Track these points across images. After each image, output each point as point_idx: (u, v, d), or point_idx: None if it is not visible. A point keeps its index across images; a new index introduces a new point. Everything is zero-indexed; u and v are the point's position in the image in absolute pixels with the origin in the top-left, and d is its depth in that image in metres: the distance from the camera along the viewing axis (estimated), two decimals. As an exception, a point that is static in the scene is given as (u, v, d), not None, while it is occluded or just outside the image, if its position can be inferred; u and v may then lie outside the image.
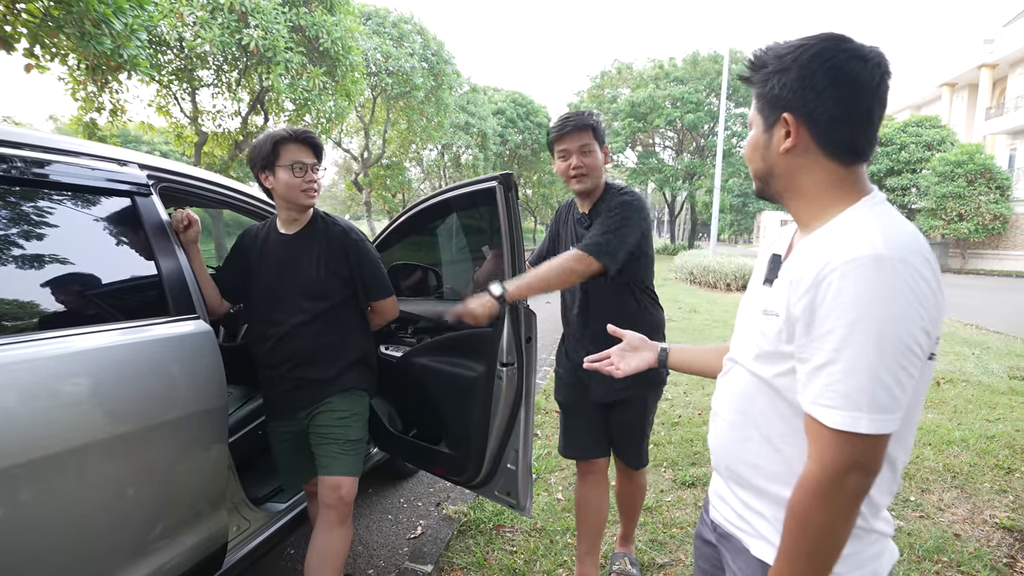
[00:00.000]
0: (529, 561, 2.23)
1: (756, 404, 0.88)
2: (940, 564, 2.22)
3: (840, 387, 0.71)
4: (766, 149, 0.86)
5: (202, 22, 9.56)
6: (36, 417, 1.16)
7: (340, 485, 1.70)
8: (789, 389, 0.81)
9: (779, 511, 0.84)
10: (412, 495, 2.87)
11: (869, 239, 0.72)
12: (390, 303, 1.91)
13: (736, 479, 0.93)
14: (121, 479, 1.35)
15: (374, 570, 2.24)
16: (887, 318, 0.69)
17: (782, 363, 0.82)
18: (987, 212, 18.67)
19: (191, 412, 1.52)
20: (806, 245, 0.82)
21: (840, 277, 0.71)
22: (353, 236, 1.81)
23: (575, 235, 1.86)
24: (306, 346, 1.76)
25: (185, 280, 1.62)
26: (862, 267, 0.70)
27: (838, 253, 0.73)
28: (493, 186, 1.72)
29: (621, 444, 1.96)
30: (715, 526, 1.00)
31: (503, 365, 1.78)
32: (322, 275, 1.76)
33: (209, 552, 1.60)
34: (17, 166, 1.28)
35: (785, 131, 0.82)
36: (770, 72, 0.83)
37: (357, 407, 1.81)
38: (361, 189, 20.75)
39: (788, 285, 0.79)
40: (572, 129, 1.73)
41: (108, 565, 1.33)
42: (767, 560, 0.85)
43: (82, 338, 1.30)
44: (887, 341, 0.69)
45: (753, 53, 0.88)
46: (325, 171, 1.74)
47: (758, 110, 0.87)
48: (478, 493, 2.02)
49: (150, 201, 1.60)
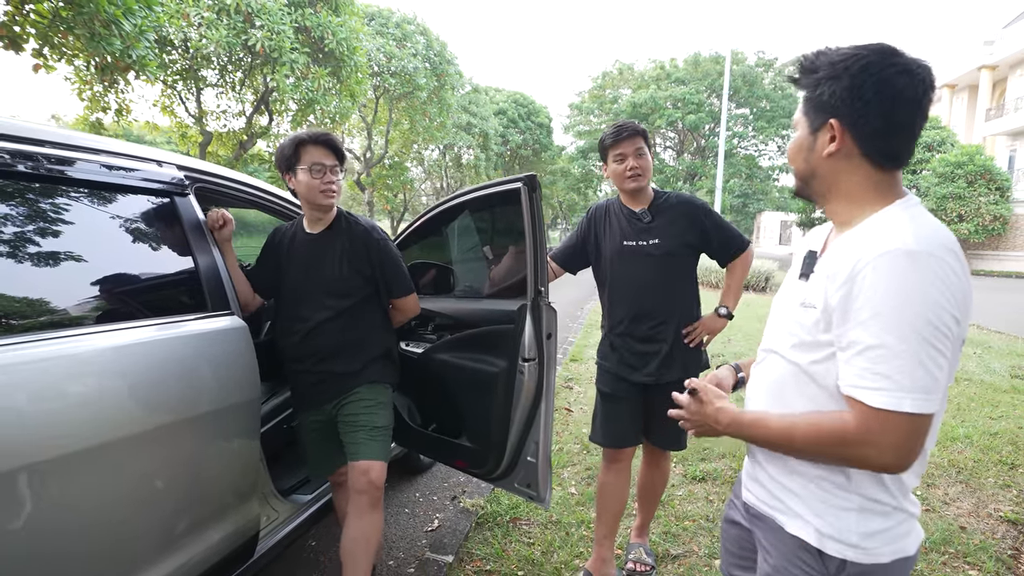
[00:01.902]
0: (546, 552, 2.29)
1: (791, 390, 0.93)
2: (947, 555, 2.28)
3: (881, 368, 0.76)
4: (810, 151, 0.90)
5: (208, 23, 9.61)
6: (84, 409, 1.21)
7: (370, 469, 1.76)
8: (824, 375, 0.87)
9: (810, 486, 0.90)
10: (427, 489, 2.92)
11: (901, 235, 0.78)
12: (411, 300, 1.95)
13: (771, 459, 0.98)
14: (164, 469, 1.40)
15: (394, 561, 2.29)
16: (920, 304, 0.74)
17: (818, 351, 0.87)
18: (987, 213, 18.73)
19: (228, 405, 1.57)
20: (842, 242, 0.88)
21: (874, 269, 0.77)
22: (375, 235, 1.86)
23: (630, 230, 1.98)
24: (331, 342, 1.82)
25: (220, 277, 1.67)
26: (895, 260, 0.76)
27: (872, 248, 0.79)
28: (518, 187, 1.77)
29: (664, 427, 2.04)
30: (747, 507, 1.06)
31: (525, 360, 1.83)
32: (345, 273, 1.82)
33: (243, 540, 1.66)
34: (65, 167, 1.34)
35: (830, 136, 0.86)
36: (821, 78, 0.86)
37: (382, 396, 1.88)
38: (363, 189, 20.78)
39: (825, 279, 0.85)
40: (629, 135, 1.92)
41: (153, 550, 1.38)
42: (801, 536, 0.91)
43: (125, 333, 1.35)
44: (922, 325, 0.74)
45: (804, 56, 0.90)
46: (345, 173, 1.76)
47: (804, 113, 0.90)
48: (497, 485, 2.07)
49: (188, 200, 1.65)
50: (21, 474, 1.07)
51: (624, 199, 2.03)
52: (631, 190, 1.95)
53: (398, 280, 1.90)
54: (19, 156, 1.23)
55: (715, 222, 1.99)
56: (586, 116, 31.36)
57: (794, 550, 0.92)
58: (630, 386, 2.00)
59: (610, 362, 2.05)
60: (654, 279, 1.95)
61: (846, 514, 0.88)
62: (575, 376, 4.96)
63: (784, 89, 28.04)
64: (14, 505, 1.07)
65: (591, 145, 28.51)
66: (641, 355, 1.98)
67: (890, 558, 0.87)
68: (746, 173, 29.35)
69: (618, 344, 2.03)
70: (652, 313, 1.97)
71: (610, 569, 2.06)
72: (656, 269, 1.95)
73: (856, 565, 0.87)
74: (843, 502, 0.88)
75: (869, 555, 0.87)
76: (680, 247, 1.94)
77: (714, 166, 25.13)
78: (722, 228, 2.00)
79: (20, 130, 1.26)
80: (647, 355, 1.97)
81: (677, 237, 1.94)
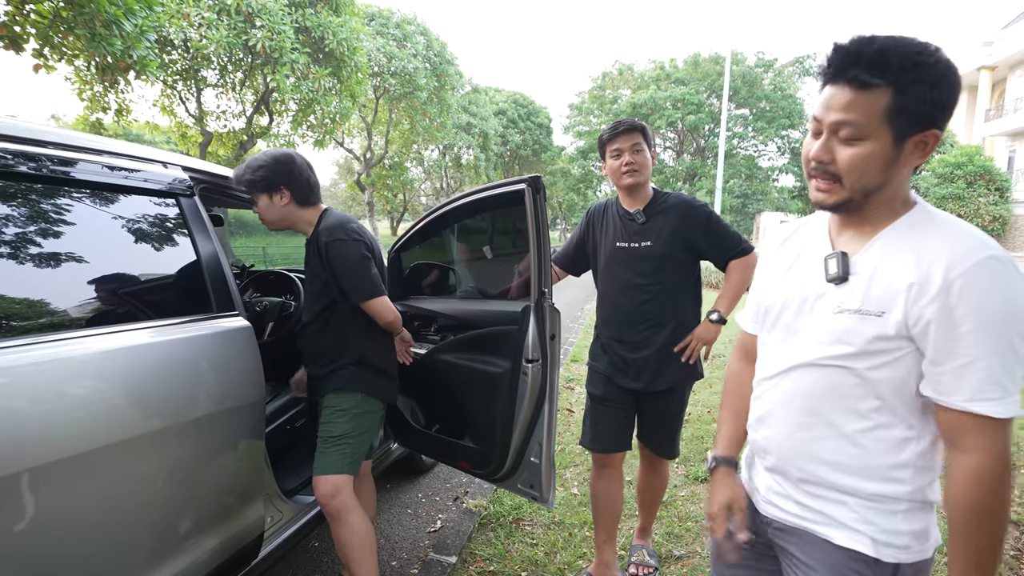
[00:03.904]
0: (549, 553, 2.29)
1: (830, 404, 0.89)
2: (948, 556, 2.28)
3: (1000, 378, 0.76)
4: (892, 163, 0.80)
5: (208, 23, 9.61)
6: (88, 412, 1.21)
7: (317, 483, 1.77)
8: (881, 382, 0.84)
9: (861, 502, 0.88)
10: (430, 490, 2.93)
11: (979, 239, 0.78)
12: (377, 305, 1.78)
13: (808, 477, 0.93)
14: (169, 471, 1.40)
15: (397, 562, 2.30)
16: (1020, 309, 0.75)
17: (879, 358, 0.84)
18: (986, 214, 18.74)
19: (232, 406, 1.57)
20: (895, 244, 0.84)
21: (975, 277, 0.76)
22: (325, 238, 1.75)
23: (624, 231, 1.94)
24: (309, 346, 1.90)
25: (225, 277, 1.68)
26: (988, 266, 0.76)
27: (960, 255, 0.77)
28: (522, 188, 1.77)
29: (658, 434, 2.03)
30: (770, 522, 1.01)
31: (528, 362, 1.83)
32: (312, 277, 1.84)
33: (248, 540, 1.66)
34: (69, 168, 1.34)
35: (923, 147, 0.80)
36: (907, 82, 0.76)
37: (344, 403, 1.82)
38: (363, 189, 20.79)
39: (905, 287, 0.80)
40: (624, 130, 1.87)
41: (160, 550, 1.39)
42: (856, 548, 0.88)
43: (130, 335, 1.35)
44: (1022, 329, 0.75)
45: (857, 47, 0.77)
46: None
47: (889, 122, 0.77)
48: (501, 486, 2.07)
49: (193, 202, 1.65)
50: (25, 476, 1.07)
51: (622, 198, 1.97)
52: (627, 186, 1.89)
53: (351, 283, 1.75)
54: (23, 157, 1.23)
55: (712, 224, 1.89)
56: (586, 117, 31.35)
57: (846, 562, 0.89)
58: (621, 390, 1.96)
59: (601, 364, 2.02)
60: (645, 282, 1.89)
61: (894, 517, 0.87)
62: (576, 377, 4.96)
63: (784, 90, 28.05)
64: (17, 507, 1.07)
65: (591, 146, 28.48)
66: (631, 361, 1.92)
67: (932, 551, 0.88)
68: (746, 174, 29.33)
69: (610, 347, 1.99)
70: (643, 317, 1.90)
71: (613, 572, 2.06)
72: (648, 272, 1.88)
73: (909, 566, 0.87)
74: (892, 505, 0.87)
75: (919, 553, 0.87)
76: (675, 249, 1.87)
77: (714, 166, 25.15)
78: (719, 231, 1.90)
79: (22, 131, 1.25)
80: (637, 361, 1.91)
81: (672, 239, 1.86)
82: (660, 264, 1.88)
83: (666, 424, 2.02)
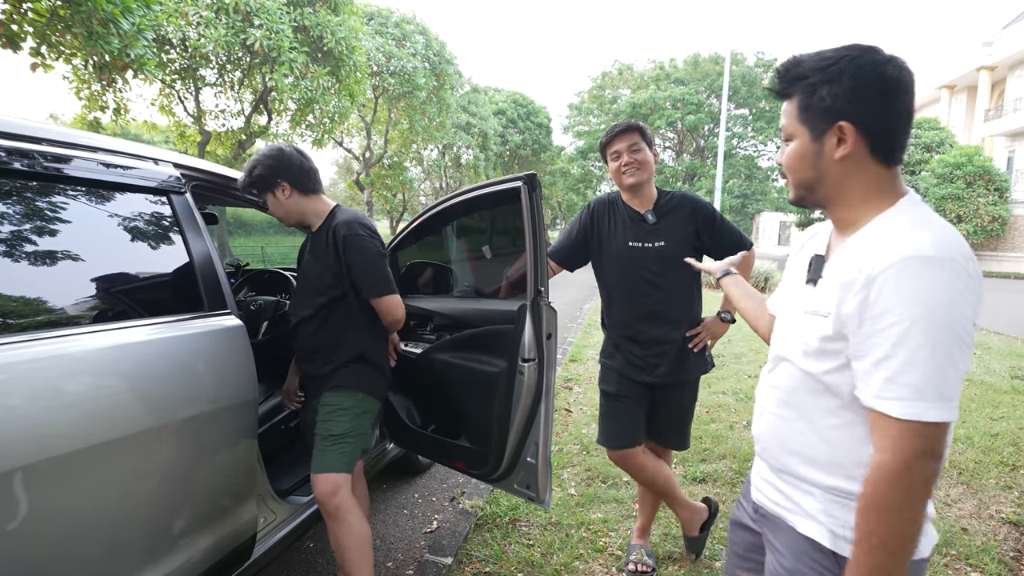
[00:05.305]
0: (546, 554, 2.27)
1: (805, 399, 0.92)
2: (949, 557, 2.27)
3: (904, 379, 0.75)
4: (817, 157, 0.88)
5: (207, 22, 9.59)
6: (79, 410, 1.19)
7: (316, 481, 1.75)
8: (839, 384, 0.86)
9: (826, 495, 0.89)
10: (426, 490, 2.91)
11: (918, 240, 0.76)
12: (388, 302, 1.80)
13: (784, 467, 0.97)
14: (160, 470, 1.38)
15: (393, 563, 2.28)
16: (941, 312, 0.73)
17: (831, 360, 0.86)
18: (986, 214, 18.75)
19: (225, 405, 1.55)
20: (852, 245, 0.86)
21: (895, 276, 0.75)
22: (344, 231, 1.75)
23: (636, 231, 1.97)
24: (306, 342, 1.85)
25: (217, 276, 1.66)
26: (914, 266, 0.74)
27: (888, 253, 0.77)
28: (518, 186, 1.76)
29: (671, 428, 2.07)
30: (756, 507, 1.05)
31: (524, 361, 1.82)
32: (319, 269, 1.81)
33: (241, 542, 1.64)
34: (60, 164, 1.32)
35: (838, 139, 0.85)
36: (815, 83, 0.85)
37: (345, 402, 1.81)
38: (362, 189, 20.77)
39: (839, 287, 0.83)
40: (621, 131, 1.92)
41: (152, 550, 1.37)
42: (814, 538, 0.90)
43: (121, 333, 1.33)
44: (943, 333, 0.73)
45: (783, 66, 0.90)
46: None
47: (802, 121, 0.88)
48: (497, 486, 2.05)
49: (184, 199, 1.63)
50: (16, 475, 1.06)
51: (626, 198, 2.01)
52: (628, 185, 1.94)
53: (367, 279, 1.76)
54: (14, 153, 1.21)
55: (718, 222, 1.98)
56: (585, 116, 31.36)
57: (808, 551, 0.91)
58: (636, 386, 2.00)
59: (615, 362, 2.04)
60: (660, 281, 1.95)
61: (854, 513, 0.86)
62: (575, 377, 4.95)
63: (783, 90, 28.06)
64: (8, 507, 1.05)
65: (590, 145, 28.50)
66: (648, 357, 1.97)
67: None
68: (745, 173, 29.37)
69: (623, 345, 2.02)
70: (659, 315, 1.96)
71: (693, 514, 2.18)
72: (663, 271, 1.94)
73: None
74: (854, 502, 0.86)
75: None
76: (685, 248, 1.92)
77: (713, 166, 25.15)
78: (724, 229, 1.99)
79: (15, 127, 1.24)
80: (655, 357, 1.97)
81: (682, 238, 1.94)
82: (672, 263, 1.92)
83: (679, 416, 2.08)
